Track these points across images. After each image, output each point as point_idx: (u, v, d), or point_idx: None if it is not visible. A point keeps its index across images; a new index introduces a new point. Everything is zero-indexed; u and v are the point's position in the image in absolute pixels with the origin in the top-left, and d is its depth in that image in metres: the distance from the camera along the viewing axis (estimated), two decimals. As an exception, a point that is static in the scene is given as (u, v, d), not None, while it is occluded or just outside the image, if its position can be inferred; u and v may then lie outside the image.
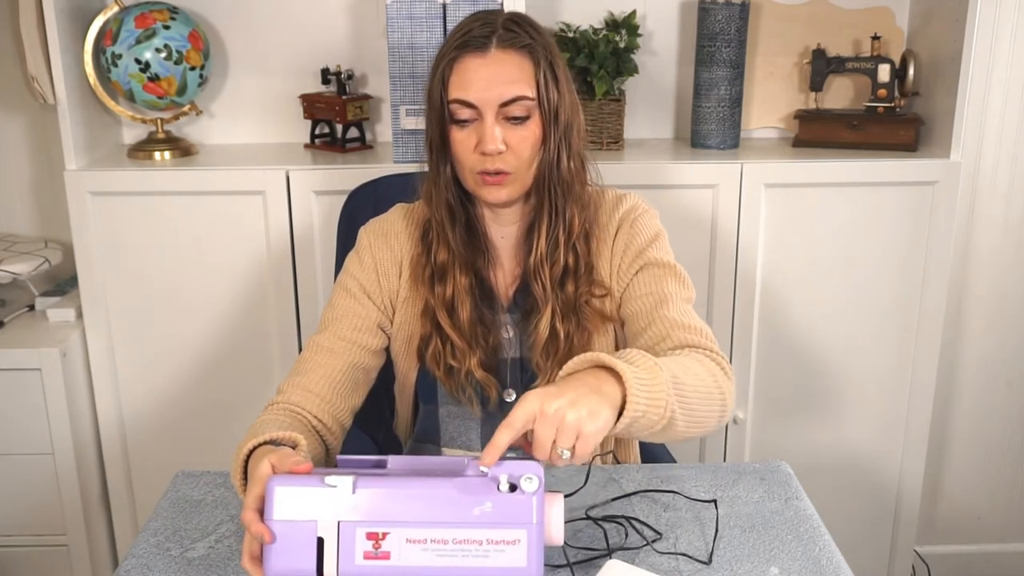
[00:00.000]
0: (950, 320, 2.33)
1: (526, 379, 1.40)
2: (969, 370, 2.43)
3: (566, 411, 1.00)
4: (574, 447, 1.01)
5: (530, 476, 0.99)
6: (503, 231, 1.42)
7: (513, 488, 0.99)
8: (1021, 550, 2.58)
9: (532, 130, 1.31)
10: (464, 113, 1.30)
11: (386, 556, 0.97)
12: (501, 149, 1.29)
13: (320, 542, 0.98)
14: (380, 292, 1.42)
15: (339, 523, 0.98)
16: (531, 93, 1.29)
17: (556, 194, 1.34)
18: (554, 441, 1.01)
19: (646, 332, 1.32)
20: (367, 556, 0.97)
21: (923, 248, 2.05)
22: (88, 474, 2.07)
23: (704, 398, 1.18)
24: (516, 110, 1.29)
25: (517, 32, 1.30)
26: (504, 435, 1.00)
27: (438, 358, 1.38)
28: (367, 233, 1.46)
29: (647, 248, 1.39)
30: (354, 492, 0.99)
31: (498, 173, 1.30)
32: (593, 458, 1.40)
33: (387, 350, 1.46)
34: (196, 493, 1.33)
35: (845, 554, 1.19)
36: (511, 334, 1.42)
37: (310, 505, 0.99)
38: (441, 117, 1.32)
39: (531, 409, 1.01)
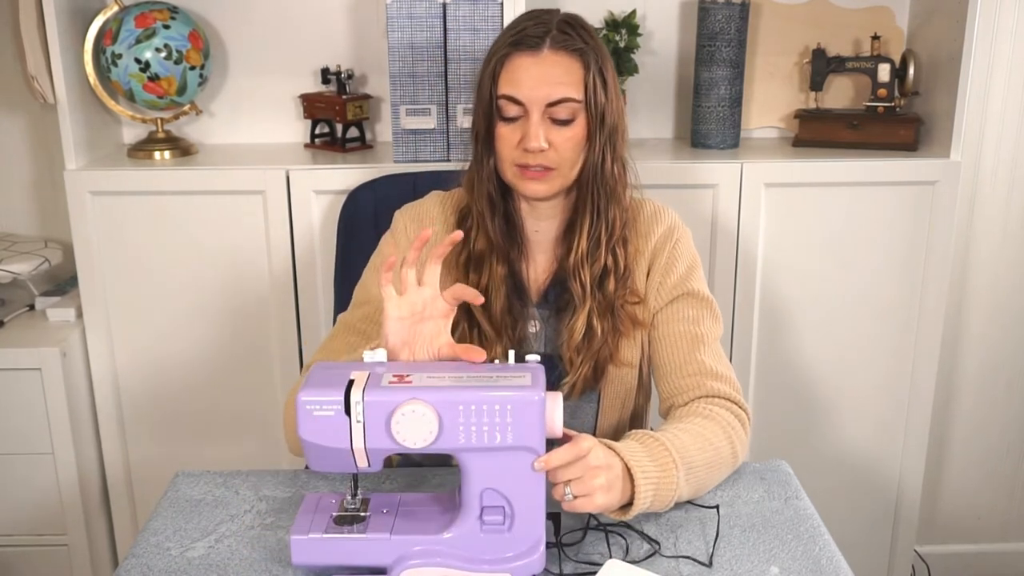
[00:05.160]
0: (950, 320, 2.33)
1: (553, 375, 1.40)
2: (969, 370, 2.43)
3: (601, 476, 1.13)
4: (576, 497, 1.13)
5: (533, 354, 1.15)
6: (538, 225, 1.43)
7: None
8: (1021, 550, 2.58)
9: (576, 131, 1.33)
10: (511, 110, 1.32)
11: (408, 383, 1.07)
12: (544, 147, 1.31)
13: (350, 383, 1.07)
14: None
15: (370, 373, 1.09)
16: (578, 96, 1.31)
17: (599, 195, 1.37)
18: (569, 482, 1.12)
19: (680, 374, 1.40)
20: (391, 383, 1.08)
21: (923, 248, 2.05)
22: (88, 474, 2.07)
23: (715, 471, 1.30)
24: (562, 112, 1.31)
25: (571, 35, 1.32)
26: (568, 452, 1.11)
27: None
28: (403, 215, 1.49)
29: (688, 277, 1.43)
30: (386, 360, 1.14)
31: (540, 168, 1.33)
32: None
33: None
34: (196, 493, 1.33)
35: (845, 554, 1.19)
36: (537, 328, 1.44)
37: (346, 367, 1.11)
38: (489, 111, 1.34)
39: (592, 447, 1.14)
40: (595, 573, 1.13)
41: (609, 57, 1.37)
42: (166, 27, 1.98)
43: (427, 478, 1.36)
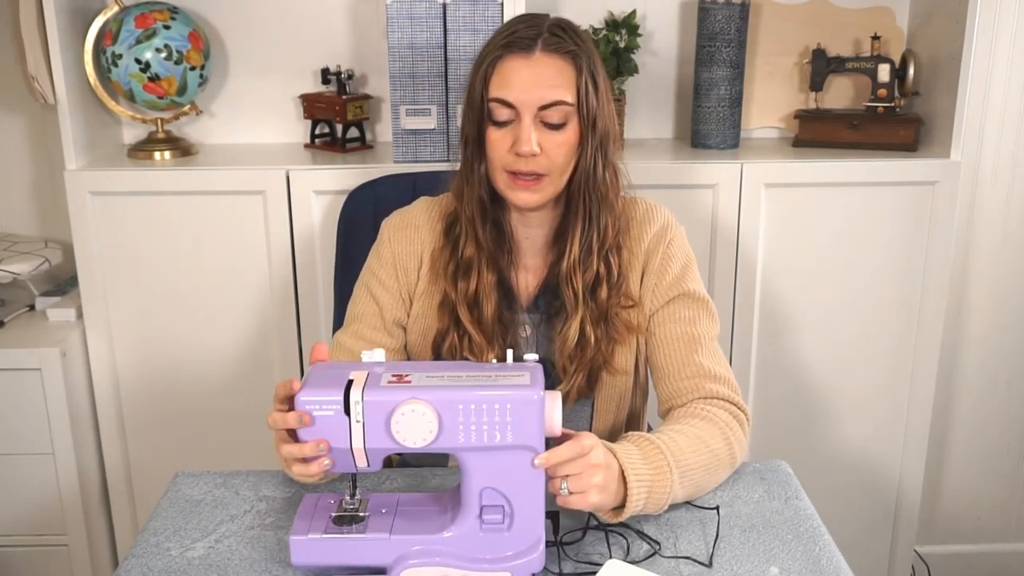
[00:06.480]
0: (950, 320, 2.33)
1: (547, 382, 1.40)
2: (969, 370, 2.43)
3: (599, 474, 1.13)
4: (572, 493, 1.13)
5: (531, 354, 1.16)
6: (529, 232, 1.42)
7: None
8: (1021, 550, 2.58)
9: (568, 136, 1.31)
10: (503, 113, 1.31)
11: (408, 382, 1.08)
12: (536, 151, 1.29)
13: (349, 383, 1.07)
14: (398, 286, 1.43)
15: (368, 373, 1.09)
16: (571, 99, 1.30)
17: (590, 202, 1.36)
18: (567, 477, 1.12)
19: (678, 376, 1.39)
20: (390, 383, 1.08)
21: (923, 248, 2.05)
22: (88, 474, 2.07)
23: (712, 473, 1.29)
24: (554, 115, 1.30)
25: (563, 38, 1.31)
26: (570, 450, 1.12)
27: (454, 352, 1.39)
28: (388, 227, 1.47)
29: (683, 277, 1.42)
30: (384, 360, 1.14)
31: (532, 175, 1.31)
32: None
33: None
34: (196, 493, 1.33)
35: (845, 554, 1.19)
36: (528, 333, 1.43)
37: (345, 367, 1.12)
38: (480, 114, 1.33)
39: (594, 445, 1.14)
40: (595, 573, 1.13)
41: (601, 61, 1.35)
42: (166, 27, 1.98)
43: (427, 478, 1.36)
